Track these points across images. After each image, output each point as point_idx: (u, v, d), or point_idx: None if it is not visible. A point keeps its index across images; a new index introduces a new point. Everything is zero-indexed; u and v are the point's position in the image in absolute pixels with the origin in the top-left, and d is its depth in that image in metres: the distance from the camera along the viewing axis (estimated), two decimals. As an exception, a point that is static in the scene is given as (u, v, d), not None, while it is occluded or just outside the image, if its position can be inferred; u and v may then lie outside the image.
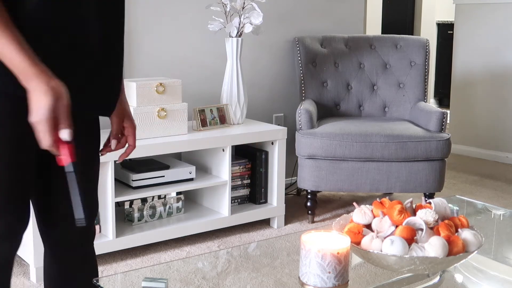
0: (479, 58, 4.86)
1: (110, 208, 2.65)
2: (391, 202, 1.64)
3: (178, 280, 1.68)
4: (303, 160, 3.20)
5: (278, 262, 1.90)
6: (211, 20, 3.24)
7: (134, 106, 2.77)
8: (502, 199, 3.79)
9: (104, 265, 2.67)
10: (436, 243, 1.49)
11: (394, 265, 1.51)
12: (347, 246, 1.41)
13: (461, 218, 1.64)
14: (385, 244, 1.51)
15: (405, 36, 3.78)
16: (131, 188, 2.80)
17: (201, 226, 2.96)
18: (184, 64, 3.33)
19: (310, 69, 3.60)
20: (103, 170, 2.64)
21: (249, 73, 3.58)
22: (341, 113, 3.66)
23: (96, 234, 2.72)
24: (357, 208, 1.68)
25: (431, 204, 1.65)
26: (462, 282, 1.81)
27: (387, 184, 3.20)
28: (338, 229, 1.65)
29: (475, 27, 4.88)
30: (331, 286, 1.39)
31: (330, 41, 3.73)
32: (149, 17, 3.18)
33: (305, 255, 1.41)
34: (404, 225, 1.55)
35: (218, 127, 3.10)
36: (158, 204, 2.94)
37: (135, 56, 3.15)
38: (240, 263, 1.83)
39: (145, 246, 2.86)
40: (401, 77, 3.68)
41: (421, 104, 3.54)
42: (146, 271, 1.81)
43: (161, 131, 2.84)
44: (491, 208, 2.44)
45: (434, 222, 1.57)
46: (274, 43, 3.69)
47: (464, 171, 4.48)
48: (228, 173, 2.99)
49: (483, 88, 4.86)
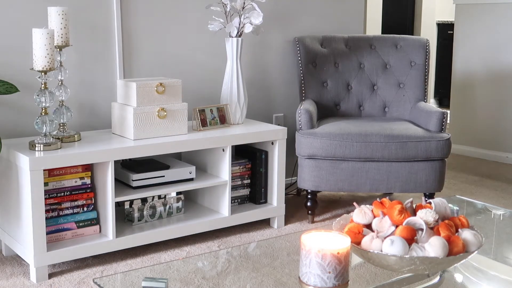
0: (479, 58, 4.86)
1: (110, 208, 2.65)
2: (391, 202, 1.64)
3: (178, 280, 1.68)
4: (303, 160, 3.20)
5: (278, 262, 1.90)
6: (211, 20, 3.24)
7: (134, 106, 2.77)
8: (502, 199, 3.79)
9: (104, 265, 2.68)
10: (436, 243, 1.49)
11: (394, 265, 1.51)
12: (347, 246, 1.41)
13: (461, 218, 1.64)
14: (385, 244, 1.51)
15: (405, 36, 3.78)
16: (131, 188, 2.81)
17: (201, 226, 2.96)
18: (184, 64, 3.33)
19: (310, 69, 3.60)
20: (103, 170, 2.65)
21: (249, 73, 3.58)
22: (341, 113, 3.66)
23: (96, 234, 2.72)
24: (357, 208, 1.68)
25: (431, 204, 1.65)
26: (462, 282, 1.81)
27: (387, 184, 3.20)
28: (338, 229, 1.65)
29: (475, 27, 4.88)
30: (331, 286, 1.39)
31: (330, 41, 3.73)
32: (149, 17, 3.18)
33: (305, 255, 1.41)
34: (404, 225, 1.55)
35: (218, 127, 3.10)
36: (158, 204, 2.94)
37: (135, 56, 3.15)
38: (240, 263, 1.83)
39: (145, 246, 2.86)
40: (401, 77, 3.69)
41: (421, 104, 3.54)
42: (146, 271, 1.82)
43: (161, 131, 2.84)
44: (491, 208, 2.44)
45: (434, 222, 1.57)
46: (274, 43, 3.69)
47: (464, 171, 4.48)
48: (228, 173, 2.99)
49: (483, 88, 4.86)
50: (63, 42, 2.68)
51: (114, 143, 2.73)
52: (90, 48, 3.01)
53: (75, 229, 2.67)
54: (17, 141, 2.71)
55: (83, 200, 2.68)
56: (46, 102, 2.55)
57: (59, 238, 2.63)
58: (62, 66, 2.71)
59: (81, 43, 2.95)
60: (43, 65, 2.49)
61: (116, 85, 2.95)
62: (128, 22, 3.10)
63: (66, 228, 2.64)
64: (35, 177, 2.43)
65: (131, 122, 2.76)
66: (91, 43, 3.00)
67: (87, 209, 2.69)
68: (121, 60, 3.08)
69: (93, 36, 3.01)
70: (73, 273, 2.59)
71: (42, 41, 2.47)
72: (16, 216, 2.59)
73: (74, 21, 2.88)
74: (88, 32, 2.98)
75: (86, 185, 2.68)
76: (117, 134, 2.87)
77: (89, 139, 2.77)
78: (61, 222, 2.63)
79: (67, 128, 2.76)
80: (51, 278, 2.53)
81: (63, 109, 2.74)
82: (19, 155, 2.48)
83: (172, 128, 2.87)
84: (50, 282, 2.50)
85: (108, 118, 3.01)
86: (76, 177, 2.65)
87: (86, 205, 2.69)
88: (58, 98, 2.73)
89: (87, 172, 2.67)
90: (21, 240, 2.58)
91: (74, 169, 2.63)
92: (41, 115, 2.57)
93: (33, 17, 2.80)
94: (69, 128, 2.81)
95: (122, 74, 3.09)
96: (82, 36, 2.96)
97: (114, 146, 2.68)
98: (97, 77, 3.05)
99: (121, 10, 3.06)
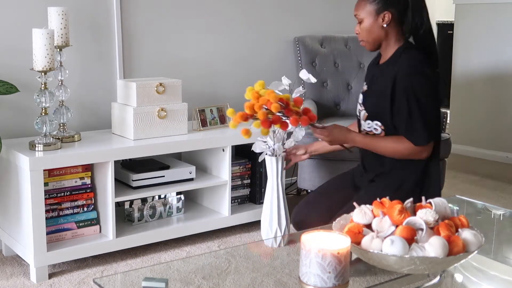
0: (479, 58, 4.85)
1: (110, 208, 2.65)
2: (391, 202, 1.64)
3: (178, 280, 1.68)
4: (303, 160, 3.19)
5: (278, 262, 1.90)
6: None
7: (134, 106, 2.77)
8: (502, 199, 3.79)
9: (104, 265, 2.68)
10: (436, 243, 1.49)
11: (394, 265, 1.51)
12: (347, 246, 1.41)
13: (461, 218, 1.64)
14: (385, 244, 1.51)
15: (405, 36, 3.78)
16: (131, 188, 2.80)
17: (201, 226, 2.96)
18: (184, 64, 3.33)
19: (310, 69, 3.60)
20: (103, 170, 2.65)
21: (249, 73, 3.57)
22: (341, 113, 3.65)
23: (96, 234, 2.72)
24: (357, 208, 1.68)
25: (431, 204, 1.65)
26: (462, 282, 1.81)
27: (387, 184, 3.20)
28: (338, 229, 1.65)
29: (475, 27, 4.88)
30: (331, 286, 1.39)
31: (330, 41, 3.73)
32: (149, 17, 3.18)
33: (305, 255, 1.41)
34: (404, 225, 1.55)
35: (218, 127, 3.10)
36: (158, 204, 2.94)
37: (135, 56, 3.15)
38: (240, 263, 1.83)
39: (145, 246, 2.86)
40: (401, 77, 3.68)
41: (421, 104, 3.53)
42: (146, 271, 1.82)
43: (161, 131, 2.84)
44: (491, 208, 2.44)
45: (434, 222, 1.57)
46: (274, 43, 3.68)
47: (464, 171, 4.48)
48: (228, 173, 2.99)
49: (483, 88, 4.86)
50: (63, 42, 2.68)
51: (114, 143, 2.73)
52: (90, 48, 3.01)
53: (75, 229, 2.67)
54: (17, 141, 2.71)
55: (83, 200, 2.68)
56: (46, 102, 2.55)
57: (59, 238, 2.63)
58: (62, 66, 2.71)
59: (81, 43, 2.95)
60: (43, 65, 2.49)
61: (116, 85, 2.95)
62: (128, 22, 3.10)
63: (66, 228, 2.64)
64: (35, 177, 2.43)
65: (131, 122, 2.76)
66: (91, 43, 3.00)
67: (87, 209, 2.70)
68: (121, 60, 3.08)
69: (93, 36, 3.01)
70: (73, 273, 2.59)
71: (42, 41, 2.47)
72: (16, 216, 2.59)
73: (74, 21, 2.88)
74: (88, 32, 2.98)
75: (86, 185, 2.68)
76: (117, 134, 2.87)
77: (89, 139, 2.77)
78: (61, 222, 2.63)
79: (67, 128, 2.76)
80: (51, 278, 2.53)
81: (63, 109, 2.74)
82: (19, 155, 2.48)
83: (172, 128, 2.87)
84: (50, 282, 2.50)
85: (108, 118, 3.01)
86: (76, 177, 2.65)
87: (86, 205, 2.69)
88: (58, 98, 2.73)
89: (87, 172, 2.67)
90: (21, 240, 2.58)
91: (74, 169, 2.63)
92: (41, 115, 2.57)
93: (33, 17, 2.80)
94: (69, 128, 2.81)
95: (122, 74, 3.09)
96: (82, 36, 2.96)
97: (114, 146, 2.68)
98: (97, 77, 3.05)
99: (121, 10, 3.06)
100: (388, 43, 2.30)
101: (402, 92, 2.19)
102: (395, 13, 2.24)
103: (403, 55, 2.25)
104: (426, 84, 2.19)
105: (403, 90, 2.18)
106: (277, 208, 2.31)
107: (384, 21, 2.25)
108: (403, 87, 2.18)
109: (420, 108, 2.17)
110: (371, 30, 2.28)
